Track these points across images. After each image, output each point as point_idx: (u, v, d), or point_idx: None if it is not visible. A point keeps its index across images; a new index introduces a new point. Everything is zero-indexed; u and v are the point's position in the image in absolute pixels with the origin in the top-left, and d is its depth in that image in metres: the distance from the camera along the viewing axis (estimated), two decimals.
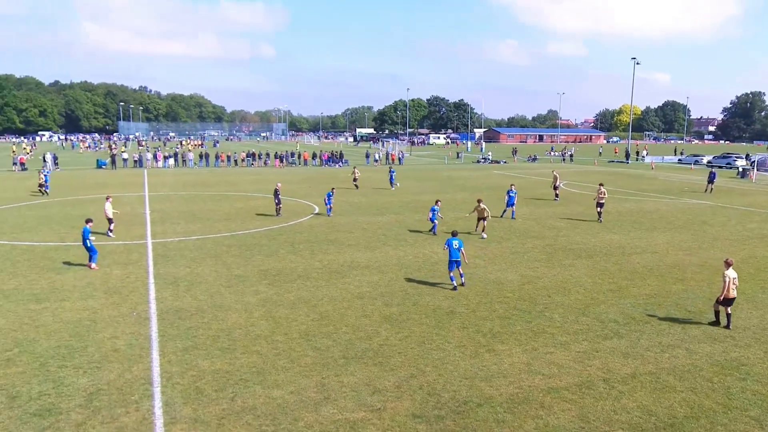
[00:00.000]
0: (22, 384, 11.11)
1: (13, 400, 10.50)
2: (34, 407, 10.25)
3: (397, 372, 11.79)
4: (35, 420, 9.82)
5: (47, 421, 9.78)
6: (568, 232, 27.46)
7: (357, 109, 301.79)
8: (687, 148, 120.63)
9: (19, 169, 61.13)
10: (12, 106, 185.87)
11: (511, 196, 30.82)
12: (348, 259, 21.35)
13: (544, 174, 59.00)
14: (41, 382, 11.19)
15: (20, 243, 23.76)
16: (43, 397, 10.60)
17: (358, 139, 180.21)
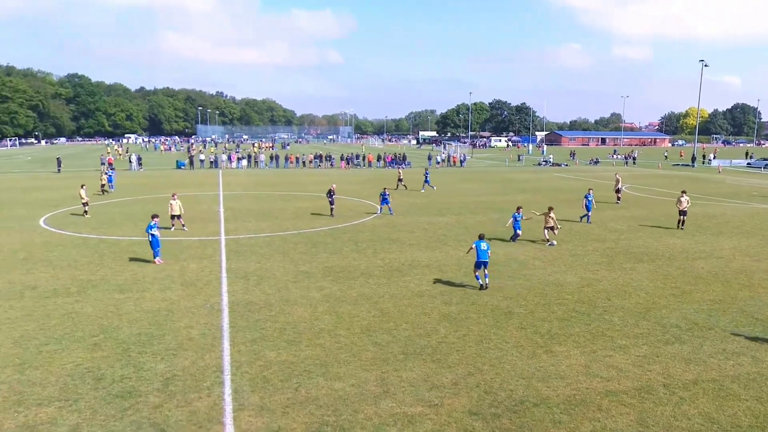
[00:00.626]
0: (106, 367, 12.07)
1: (98, 381, 11.44)
2: (116, 389, 11.13)
3: (454, 369, 12.05)
4: (117, 401, 10.67)
5: (128, 403, 10.61)
6: (630, 235, 26.81)
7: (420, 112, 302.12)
8: (757, 152, 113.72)
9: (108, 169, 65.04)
10: (102, 111, 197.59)
11: (589, 200, 30.08)
12: (409, 258, 21.74)
13: (606, 177, 57.38)
14: (123, 366, 12.12)
15: (107, 237, 25.49)
16: (125, 380, 11.49)
17: (421, 141, 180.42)
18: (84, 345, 13.21)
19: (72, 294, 17.10)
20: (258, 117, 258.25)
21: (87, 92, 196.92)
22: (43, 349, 12.98)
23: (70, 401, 10.60)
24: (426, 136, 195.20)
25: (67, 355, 12.66)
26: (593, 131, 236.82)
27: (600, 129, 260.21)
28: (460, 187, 48.48)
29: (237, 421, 9.95)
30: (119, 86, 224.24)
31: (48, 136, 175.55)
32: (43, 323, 14.62)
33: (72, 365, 12.12)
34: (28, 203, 36.94)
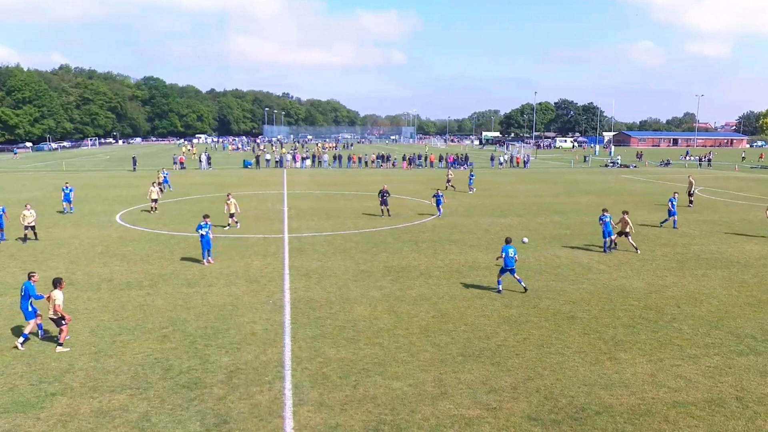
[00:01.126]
0: (174, 358, 12.58)
1: (166, 372, 11.94)
2: (183, 380, 11.59)
3: (514, 373, 11.89)
4: (184, 391, 11.10)
5: (194, 393, 11.02)
6: (702, 240, 25.61)
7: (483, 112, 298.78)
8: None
9: (179, 168, 67.80)
10: (175, 112, 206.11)
11: (673, 204, 28.70)
12: (469, 260, 21.57)
13: (677, 179, 54.99)
14: (190, 358, 12.60)
15: (177, 233, 26.55)
16: (191, 372, 11.94)
17: (484, 142, 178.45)
18: (154, 336, 13.82)
19: (144, 287, 17.91)
20: (322, 117, 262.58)
21: (161, 94, 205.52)
22: (117, 338, 13.66)
23: (141, 389, 11.11)
24: (489, 137, 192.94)
25: (139, 345, 13.27)
26: (664, 132, 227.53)
27: (672, 129, 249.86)
28: (522, 188, 47.69)
29: (296, 416, 10.16)
30: (191, 88, 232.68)
31: (125, 136, 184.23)
32: (117, 314, 15.39)
33: (143, 355, 12.70)
34: (105, 200, 38.93)
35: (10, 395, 10.85)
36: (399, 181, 53.18)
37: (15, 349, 12.94)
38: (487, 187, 48.67)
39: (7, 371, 11.90)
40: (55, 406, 10.45)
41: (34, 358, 12.57)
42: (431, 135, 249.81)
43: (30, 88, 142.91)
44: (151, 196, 33.17)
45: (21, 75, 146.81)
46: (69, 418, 10.00)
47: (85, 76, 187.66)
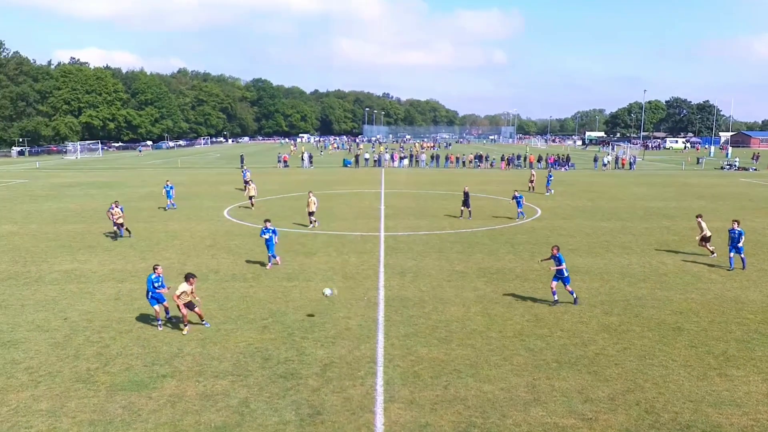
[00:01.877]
0: (273, 349, 13.14)
1: (266, 361, 12.50)
2: (281, 370, 12.08)
3: (612, 384, 11.40)
4: (281, 381, 11.57)
5: (290, 383, 11.46)
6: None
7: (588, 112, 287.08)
8: None
9: (283, 166, 70.71)
10: (281, 112, 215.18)
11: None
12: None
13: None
14: (288, 349, 13.11)
15: (279, 229, 27.61)
16: (288, 362, 12.42)
17: (587, 142, 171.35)
18: (255, 326, 14.50)
19: (248, 279, 18.83)
20: (421, 117, 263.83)
21: (268, 95, 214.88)
22: (221, 327, 14.47)
23: (242, 376, 11.71)
24: (593, 137, 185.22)
25: (241, 334, 13.99)
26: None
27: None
28: (628, 191, 45.43)
29: (387, 412, 10.31)
30: (296, 89, 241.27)
31: (234, 135, 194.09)
32: (222, 304, 16.30)
33: (244, 344, 13.37)
34: (215, 196, 41.25)
35: (126, 374, 11.81)
36: (496, 181, 52.37)
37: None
38: (589, 189, 46.85)
39: (125, 352, 12.95)
40: (165, 387, 11.24)
41: (149, 341, 13.58)
42: (531, 135, 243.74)
43: (152, 91, 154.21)
44: (249, 193, 34.88)
45: (144, 79, 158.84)
46: (177, 399, 10.73)
47: (200, 78, 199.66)
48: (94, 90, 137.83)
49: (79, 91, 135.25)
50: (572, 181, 53.55)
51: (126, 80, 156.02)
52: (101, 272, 19.77)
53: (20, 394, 10.95)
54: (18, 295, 17.12)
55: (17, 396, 10.89)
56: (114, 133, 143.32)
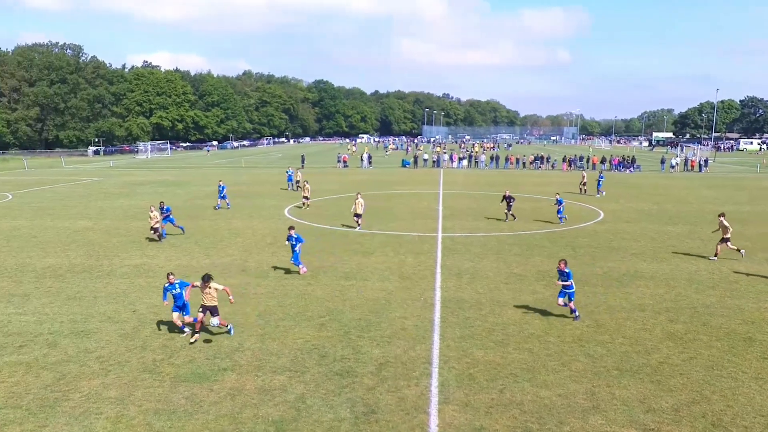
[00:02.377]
0: (330, 346, 13.33)
1: (322, 358, 12.69)
2: (337, 367, 12.24)
3: (676, 394, 10.98)
4: (336, 378, 11.73)
5: (345, 381, 11.60)
6: None
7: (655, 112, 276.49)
8: None
9: (342, 166, 71.58)
10: (341, 113, 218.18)
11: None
12: (631, 269, 20.22)
13: None
14: (344, 347, 13.27)
15: (337, 228, 28.03)
16: (344, 360, 12.57)
17: (654, 143, 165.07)
18: (313, 324, 14.75)
19: (306, 277, 19.16)
20: (481, 118, 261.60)
21: (330, 96, 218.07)
22: (280, 323, 14.79)
23: (299, 373, 11.94)
24: (660, 138, 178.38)
25: (299, 331, 14.26)
26: None
27: None
28: (697, 194, 43.55)
29: (441, 414, 10.28)
30: (357, 90, 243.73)
31: (295, 135, 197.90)
32: (281, 301, 16.66)
33: (302, 341, 13.62)
34: (276, 195, 42.17)
35: (189, 366, 12.25)
36: (557, 183, 51.24)
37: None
38: (655, 192, 45.21)
39: (188, 345, 13.43)
40: (226, 380, 11.60)
41: (211, 334, 14.03)
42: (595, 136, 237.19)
43: (218, 93, 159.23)
44: (303, 193, 35.38)
45: (211, 81, 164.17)
46: (236, 393, 11.05)
47: (264, 80, 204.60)
48: (164, 92, 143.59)
49: (151, 94, 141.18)
50: (637, 184, 51.82)
51: (194, 82, 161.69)
52: (168, 267, 20.54)
53: (91, 382, 11.54)
54: (91, 288, 18.03)
55: (89, 383, 11.49)
56: (182, 134, 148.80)
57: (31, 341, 13.70)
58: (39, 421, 10.05)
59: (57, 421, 10.05)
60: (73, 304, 16.31)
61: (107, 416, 10.19)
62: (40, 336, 14.02)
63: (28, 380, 11.63)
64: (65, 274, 19.75)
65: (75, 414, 10.30)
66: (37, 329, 14.46)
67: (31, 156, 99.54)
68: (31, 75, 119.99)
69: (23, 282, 18.74)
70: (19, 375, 11.88)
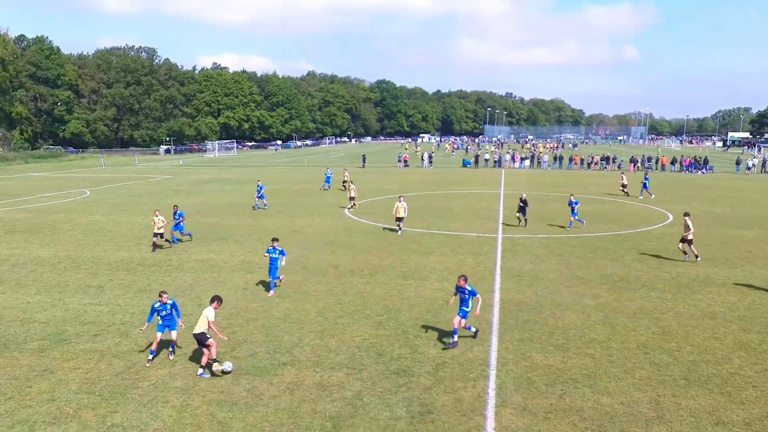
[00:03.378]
0: (387, 345, 13.41)
1: (379, 356, 12.78)
2: (394, 366, 12.30)
3: (748, 407, 10.46)
4: (393, 377, 11.79)
5: (402, 380, 11.65)
6: None
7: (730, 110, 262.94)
8: None
9: (403, 166, 71.79)
10: (403, 113, 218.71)
11: None
12: (701, 274, 19.36)
13: None
14: (401, 346, 13.32)
15: (396, 228, 28.07)
16: (401, 359, 12.62)
17: (729, 143, 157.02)
18: (370, 322, 14.88)
19: (365, 276, 19.34)
20: (544, 117, 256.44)
21: (391, 96, 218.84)
22: (339, 321, 14.99)
23: (356, 370, 12.07)
24: (736, 138, 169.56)
25: (357, 329, 14.41)
26: None
27: None
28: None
29: (498, 417, 10.18)
30: (418, 90, 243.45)
31: (357, 135, 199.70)
32: (340, 298, 16.88)
33: (360, 338, 13.76)
34: (337, 194, 42.68)
35: (251, 360, 12.60)
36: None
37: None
38: (729, 194, 43.05)
39: (250, 339, 13.81)
40: (285, 374, 11.87)
41: (272, 330, 14.38)
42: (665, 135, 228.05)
43: (283, 93, 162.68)
44: (350, 194, 35.35)
45: (276, 81, 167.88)
46: (295, 387, 11.29)
47: (327, 81, 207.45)
48: (231, 93, 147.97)
49: (219, 94, 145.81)
50: (710, 185, 49.52)
51: (260, 83, 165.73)
52: (232, 263, 21.20)
53: (159, 372, 12.05)
54: (160, 281, 18.80)
55: (156, 373, 12.00)
56: (248, 133, 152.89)
57: (104, 330, 14.43)
58: (110, 407, 10.58)
59: (127, 408, 10.56)
60: (143, 296, 17.06)
61: (173, 405, 10.62)
62: (113, 326, 14.75)
63: (101, 367, 12.26)
64: (137, 267, 20.68)
65: (143, 401, 10.79)
66: (111, 319, 15.22)
67: (107, 154, 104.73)
68: (108, 77, 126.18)
69: (98, 274, 19.74)
70: (93, 362, 12.54)
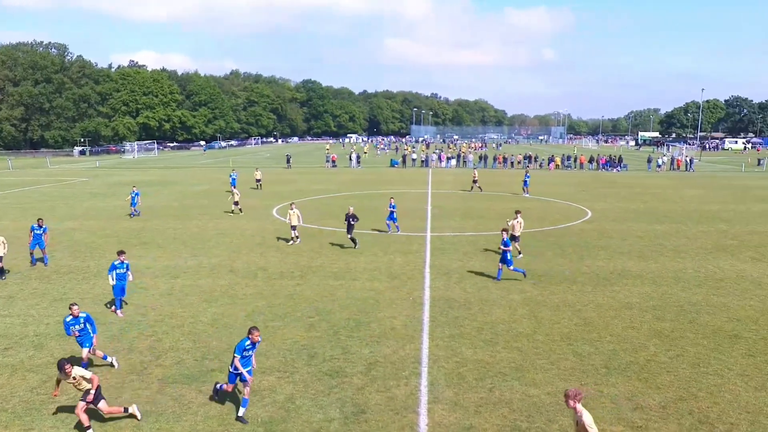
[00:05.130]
0: (319, 347, 13.30)
1: (311, 358, 12.66)
2: (326, 367, 12.22)
3: (663, 391, 11.08)
4: (326, 378, 11.71)
5: (335, 381, 11.59)
6: None
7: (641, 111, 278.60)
8: None
9: (331, 166, 71.45)
10: (330, 113, 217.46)
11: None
12: (618, 267, 20.37)
13: None
14: (333, 347, 13.25)
15: (326, 228, 27.97)
16: (334, 360, 12.55)
17: (640, 143, 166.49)
18: (302, 324, 14.72)
19: (295, 277, 19.11)
20: (469, 117, 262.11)
21: (318, 96, 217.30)
22: (269, 324, 14.73)
23: (288, 373, 11.91)
24: (646, 137, 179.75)
25: (288, 331, 14.21)
26: None
27: None
28: (683, 193, 43.94)
29: (431, 413, 10.30)
30: (345, 90, 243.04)
31: (284, 135, 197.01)
32: (270, 301, 16.60)
33: (291, 341, 13.58)
34: (265, 195, 41.99)
35: (177, 368, 12.17)
36: (547, 183, 51.58)
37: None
38: (642, 191, 45.55)
39: (176, 346, 13.35)
40: (214, 381, 11.53)
41: (199, 336, 13.96)
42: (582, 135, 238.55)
43: (205, 92, 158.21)
44: (234, 198, 33.12)
45: (198, 80, 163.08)
46: (225, 394, 10.98)
47: (252, 80, 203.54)
48: (151, 92, 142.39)
49: (137, 93, 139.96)
50: (625, 183, 52.20)
51: (181, 82, 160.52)
52: (155, 268, 20.41)
53: None
54: (78, 289, 17.86)
55: None
56: (169, 134, 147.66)
57: (16, 343, 13.55)
58: (25, 424, 9.94)
59: (43, 424, 9.95)
60: (59, 306, 16.14)
61: (95, 419, 10.09)
62: (26, 338, 13.88)
63: (14, 383, 11.51)
64: (51, 275, 19.56)
65: (62, 417, 10.20)
66: (23, 331, 14.32)
67: (15, 156, 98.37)
68: (15, 74, 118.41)
69: (8, 284, 18.53)
70: (4, 377, 11.75)
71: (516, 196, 40.97)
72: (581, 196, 41.32)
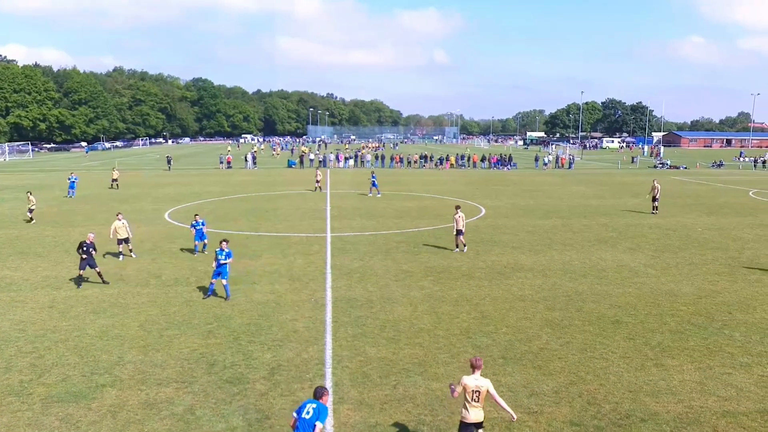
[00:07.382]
0: (218, 354, 12.86)
1: (211, 366, 12.22)
2: (227, 375, 11.83)
3: (556, 377, 11.71)
4: (227, 386, 11.34)
5: (237, 388, 11.25)
6: (756, 244, 24.65)
7: (528, 112, 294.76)
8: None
9: (225, 167, 69.30)
10: (222, 113, 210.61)
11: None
12: (512, 261, 21.34)
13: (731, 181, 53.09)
14: (234, 354, 12.86)
15: (222, 231, 27.04)
16: (235, 367, 12.18)
17: (528, 142, 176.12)
18: (200, 332, 14.16)
19: (191, 283, 18.37)
20: (366, 118, 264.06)
21: (209, 95, 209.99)
22: (164, 333, 14.05)
23: (186, 383, 11.40)
24: (533, 137, 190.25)
25: (185, 340, 13.62)
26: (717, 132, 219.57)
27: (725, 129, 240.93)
28: (567, 189, 46.85)
29: (336, 414, 10.25)
30: (238, 89, 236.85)
31: (174, 136, 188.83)
32: (165, 309, 15.83)
33: (189, 350, 13.03)
34: (155, 198, 40.03)
35: (63, 385, 11.30)
36: (441, 181, 53.13)
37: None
38: (531, 188, 48.05)
39: (61, 362, 12.39)
40: (105, 397, 10.83)
41: (87, 350, 13.04)
42: (475, 135, 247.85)
43: (85, 90, 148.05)
44: (29, 206, 30.66)
45: (77, 77, 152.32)
46: (118, 409, 10.35)
47: (137, 78, 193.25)
48: (22, 89, 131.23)
49: (7, 90, 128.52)
50: (515, 181, 54.79)
51: (57, 79, 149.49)
52: (34, 279, 18.87)
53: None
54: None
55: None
56: (45, 134, 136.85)
57: None
58: None
59: None
60: None
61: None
62: None
63: None
64: None
65: None
66: None
67: None
68: None
69: None
70: None
71: (375, 196, 41.77)
72: (475, 193, 42.89)
